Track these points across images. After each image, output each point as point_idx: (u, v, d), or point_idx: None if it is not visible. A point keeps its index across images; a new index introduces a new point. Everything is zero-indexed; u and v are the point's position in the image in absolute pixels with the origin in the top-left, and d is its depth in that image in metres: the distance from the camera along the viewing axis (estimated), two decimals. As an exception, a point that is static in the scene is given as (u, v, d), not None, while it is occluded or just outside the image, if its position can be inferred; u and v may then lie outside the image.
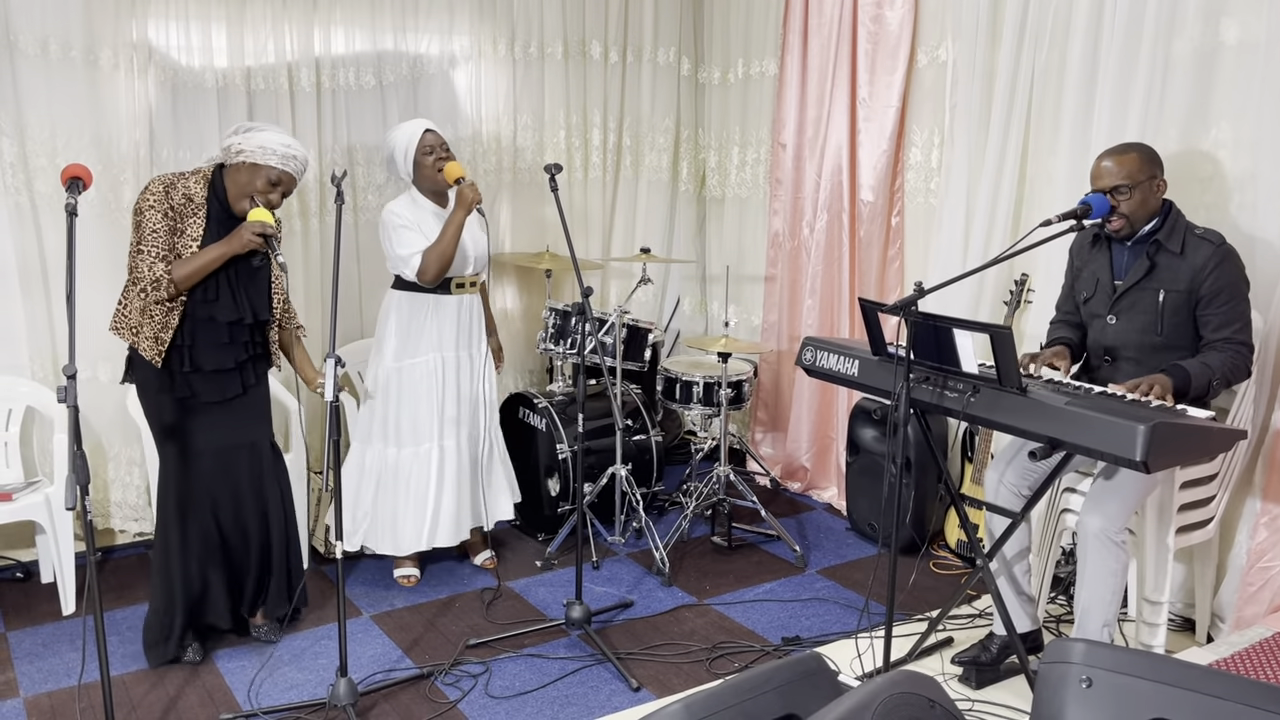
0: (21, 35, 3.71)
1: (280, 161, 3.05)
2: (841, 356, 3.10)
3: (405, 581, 3.85)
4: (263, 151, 3.03)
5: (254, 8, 4.12)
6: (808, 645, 3.33)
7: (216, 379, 3.12)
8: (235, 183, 3.06)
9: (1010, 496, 3.02)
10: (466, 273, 3.73)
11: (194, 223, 3.03)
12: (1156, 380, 2.70)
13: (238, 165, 3.05)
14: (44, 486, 3.67)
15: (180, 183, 3.04)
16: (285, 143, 3.07)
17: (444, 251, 3.54)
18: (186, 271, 2.98)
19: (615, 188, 5.24)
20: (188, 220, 3.03)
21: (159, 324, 3.03)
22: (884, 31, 4.28)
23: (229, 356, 3.13)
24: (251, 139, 3.04)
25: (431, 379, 3.70)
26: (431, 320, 3.69)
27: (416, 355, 3.69)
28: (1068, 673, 1.85)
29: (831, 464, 4.77)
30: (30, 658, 3.27)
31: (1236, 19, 3.15)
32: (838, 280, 4.60)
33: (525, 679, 3.16)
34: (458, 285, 3.71)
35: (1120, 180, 2.86)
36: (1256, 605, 3.14)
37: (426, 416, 3.70)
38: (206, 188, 3.07)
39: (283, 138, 3.08)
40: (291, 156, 3.07)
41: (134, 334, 3.06)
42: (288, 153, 3.06)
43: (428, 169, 3.62)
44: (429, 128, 3.65)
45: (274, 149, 3.04)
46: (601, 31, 5.02)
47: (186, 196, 3.03)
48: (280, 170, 3.05)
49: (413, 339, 3.69)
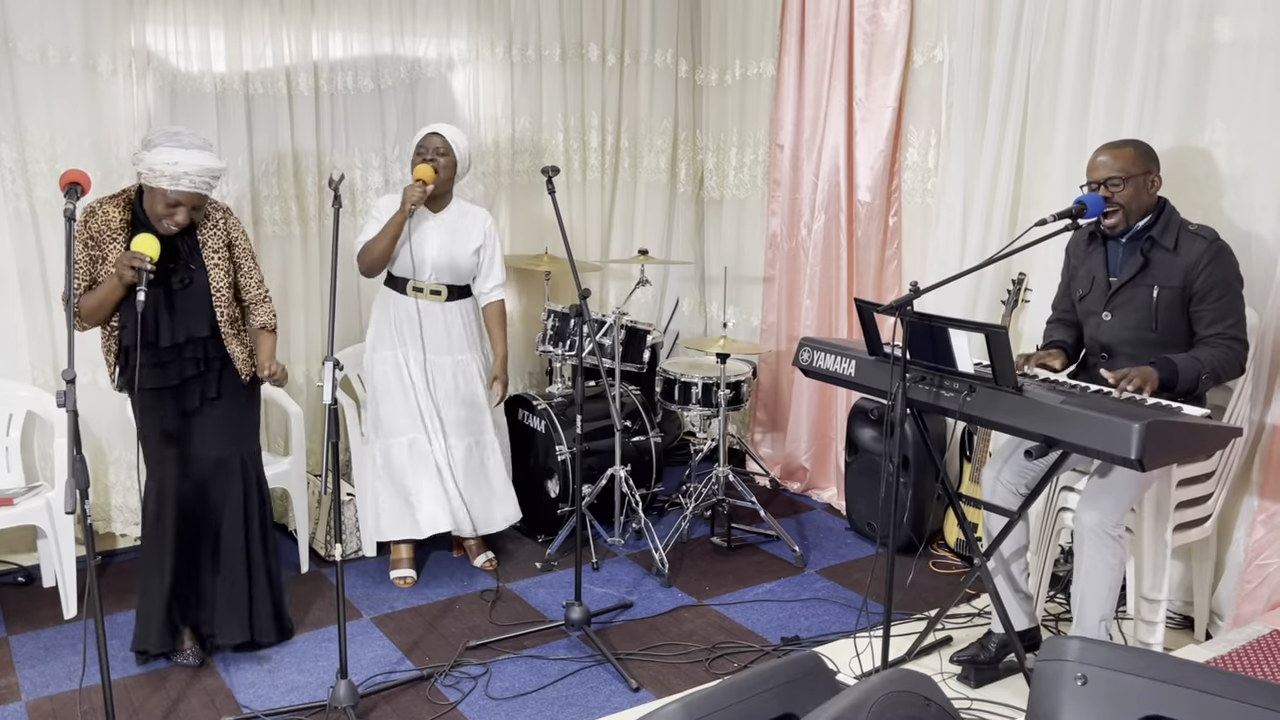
0: (20, 41, 3.73)
1: (170, 183, 2.86)
2: (838, 357, 3.11)
3: (401, 583, 3.87)
4: (152, 174, 2.87)
5: (252, 13, 4.14)
6: (807, 645, 3.34)
7: (168, 395, 3.08)
8: (149, 201, 2.95)
9: (1007, 495, 3.02)
10: (424, 278, 3.73)
11: (114, 248, 2.95)
12: (1141, 372, 2.72)
13: (145, 191, 2.96)
14: (45, 491, 3.68)
15: (100, 209, 2.96)
16: (172, 160, 2.85)
17: (378, 247, 3.60)
18: (89, 306, 2.94)
19: (614, 189, 5.25)
20: (107, 247, 2.95)
21: (104, 346, 3.08)
22: (880, 32, 4.29)
23: (172, 374, 3.07)
24: (144, 159, 2.88)
25: (394, 374, 3.77)
26: (392, 317, 3.77)
27: (384, 349, 3.79)
28: (1063, 670, 1.86)
29: (831, 464, 4.78)
30: (32, 662, 3.28)
31: (1231, 17, 3.16)
32: (836, 280, 4.61)
33: (525, 680, 3.17)
34: (415, 289, 3.73)
35: (1114, 172, 2.87)
36: (1254, 602, 3.14)
37: (391, 411, 3.78)
38: (127, 210, 3.00)
39: (171, 154, 2.86)
40: (183, 175, 2.86)
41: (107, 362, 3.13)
42: (176, 171, 2.85)
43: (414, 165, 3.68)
44: (436, 130, 3.68)
45: (162, 170, 2.85)
46: (599, 34, 5.03)
47: (104, 223, 2.95)
48: (173, 192, 2.88)
49: (381, 333, 3.80)
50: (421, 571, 3.97)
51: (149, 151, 2.89)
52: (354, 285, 4.54)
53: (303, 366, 4.45)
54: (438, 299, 3.77)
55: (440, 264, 3.73)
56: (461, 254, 3.75)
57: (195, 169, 2.89)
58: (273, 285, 4.26)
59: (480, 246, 3.81)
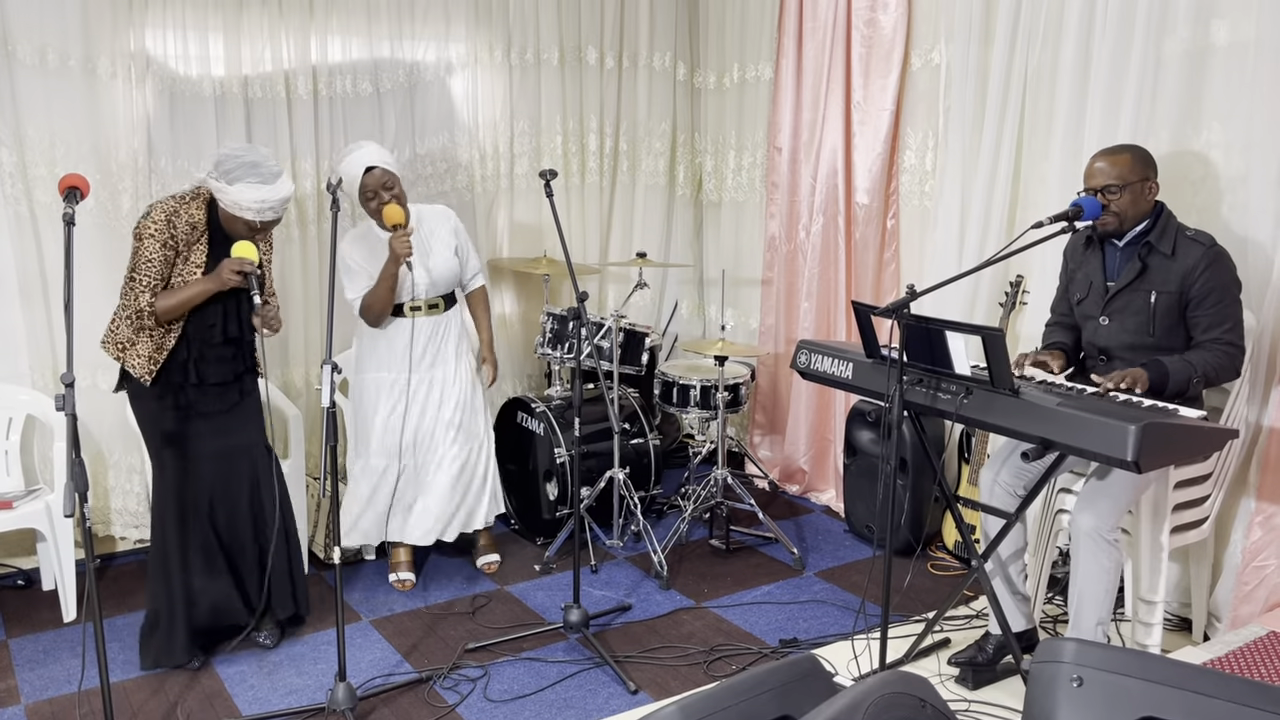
0: (20, 45, 3.74)
1: (256, 215, 3.01)
2: (835, 359, 3.11)
3: (400, 586, 3.87)
4: (237, 207, 3.00)
5: (251, 17, 4.15)
6: (805, 647, 3.35)
7: (217, 391, 3.18)
8: (223, 217, 3.10)
9: (1005, 497, 3.03)
10: (421, 297, 3.73)
11: (199, 249, 3.07)
12: (1131, 373, 2.73)
13: (220, 203, 3.06)
14: (44, 494, 3.69)
15: (184, 210, 3.05)
16: (260, 199, 2.98)
17: (381, 299, 3.64)
18: (169, 305, 3.01)
19: (612, 192, 5.26)
20: (193, 248, 3.07)
21: (154, 344, 3.07)
22: (878, 35, 4.30)
23: (230, 370, 3.20)
24: (227, 193, 2.99)
25: (380, 396, 3.76)
26: (382, 340, 3.76)
27: (371, 371, 3.78)
28: (1058, 672, 1.86)
29: (829, 466, 4.78)
30: (31, 665, 3.29)
31: (1227, 20, 3.17)
32: (834, 283, 4.62)
33: (524, 682, 3.18)
34: (412, 308, 3.73)
35: (1111, 180, 2.88)
36: (1252, 604, 3.15)
37: (371, 432, 3.78)
38: (208, 211, 3.10)
39: (257, 192, 2.98)
40: (268, 209, 3.01)
41: (121, 351, 3.09)
42: (262, 207, 3.00)
43: (372, 213, 3.63)
44: (370, 165, 3.55)
45: (248, 205, 2.98)
46: (597, 37, 5.04)
47: (191, 224, 3.05)
48: (256, 221, 3.04)
49: (368, 354, 3.79)
50: (420, 574, 3.97)
51: (232, 186, 2.98)
52: (353, 288, 4.55)
53: (301, 370, 4.46)
54: (436, 312, 3.78)
55: (442, 279, 3.75)
56: (442, 262, 3.76)
57: (278, 202, 3.04)
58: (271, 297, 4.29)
59: (456, 246, 3.82)
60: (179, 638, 3.19)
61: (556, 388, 4.54)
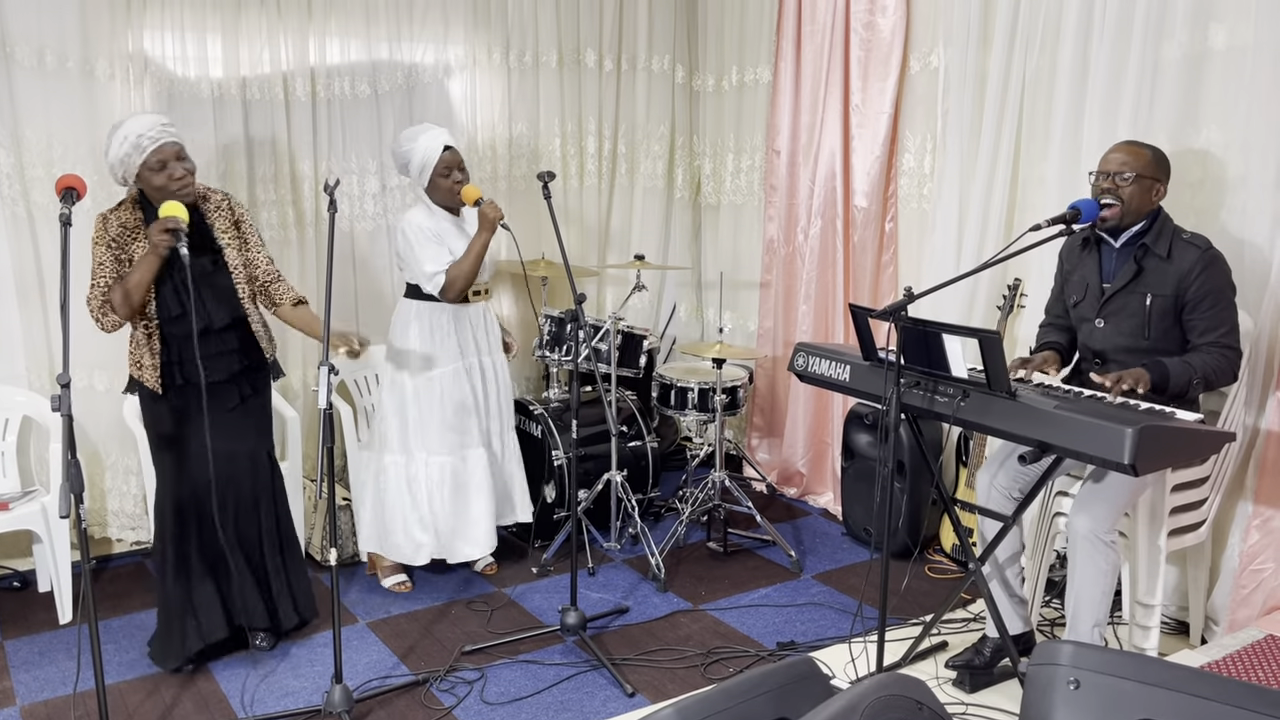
0: (18, 46, 3.73)
1: (137, 152, 2.94)
2: (833, 362, 3.11)
3: (399, 588, 3.86)
4: (126, 164, 2.96)
5: (249, 18, 4.14)
6: (803, 650, 3.34)
7: (211, 392, 3.10)
8: (150, 194, 3.03)
9: (1002, 500, 3.03)
10: (484, 279, 3.79)
11: (137, 247, 3.02)
12: (1133, 373, 2.73)
13: (140, 182, 3.02)
14: (40, 496, 3.68)
15: (113, 215, 3.03)
16: (123, 138, 2.94)
17: (468, 272, 3.59)
18: (123, 291, 2.97)
19: (610, 195, 5.26)
20: (131, 247, 3.02)
21: (147, 349, 3.07)
22: (876, 38, 4.30)
23: (220, 368, 3.13)
24: (111, 162, 2.98)
25: (457, 388, 3.73)
26: (453, 330, 3.72)
27: (445, 364, 3.71)
28: (1055, 674, 1.86)
29: (827, 469, 4.78)
30: (27, 666, 3.28)
31: (1224, 24, 3.17)
32: (832, 286, 4.62)
33: (521, 685, 3.17)
34: (474, 293, 3.75)
35: (1126, 167, 2.86)
36: (1249, 608, 3.15)
37: (453, 425, 3.72)
38: (137, 209, 3.05)
39: (118, 136, 2.95)
40: (139, 136, 2.93)
41: (136, 368, 3.11)
42: (137, 141, 2.93)
43: (445, 190, 3.65)
44: (449, 145, 3.64)
45: (126, 153, 2.94)
46: (596, 40, 5.04)
47: (121, 226, 3.02)
48: (147, 156, 2.94)
49: (442, 348, 3.70)
50: (417, 575, 3.97)
51: (108, 156, 2.99)
52: (350, 291, 4.55)
53: (299, 371, 4.45)
54: (486, 299, 3.84)
55: (490, 263, 3.80)
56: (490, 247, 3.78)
57: (147, 127, 2.96)
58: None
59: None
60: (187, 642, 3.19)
61: (554, 390, 4.53)
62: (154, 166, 2.97)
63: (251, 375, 3.26)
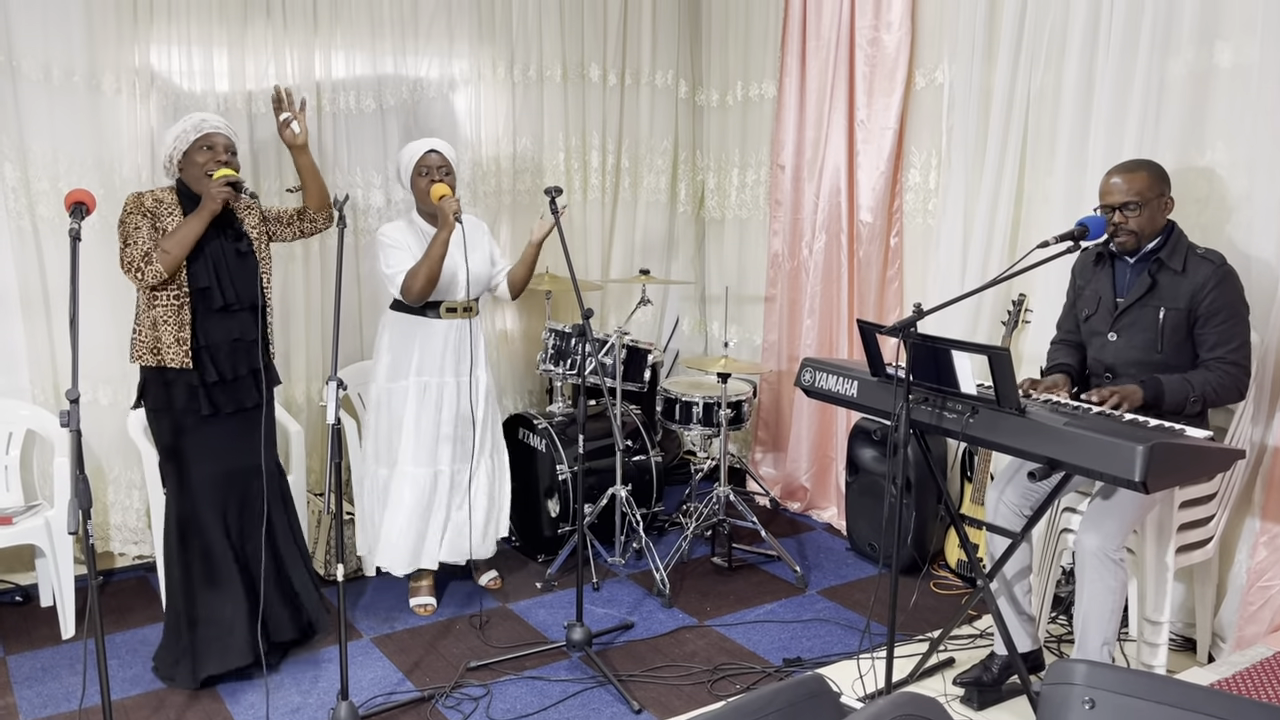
0: (24, 60, 3.74)
1: (195, 131, 3.13)
2: (841, 378, 3.11)
3: (421, 610, 3.80)
4: (181, 141, 3.13)
5: (255, 32, 4.15)
6: (809, 666, 3.33)
7: (234, 388, 3.17)
8: (191, 179, 3.17)
9: (1010, 516, 3.02)
10: (459, 297, 3.68)
11: (170, 221, 3.11)
12: (1121, 391, 2.75)
13: (182, 168, 3.17)
14: (44, 510, 3.67)
15: (149, 194, 3.15)
16: (187, 118, 3.17)
17: (424, 270, 3.51)
18: (173, 239, 3.05)
19: (614, 209, 5.27)
20: (164, 220, 3.11)
21: (175, 323, 3.08)
22: (881, 54, 4.32)
23: (242, 359, 3.18)
24: (167, 140, 3.17)
25: (416, 403, 3.66)
26: (418, 344, 3.66)
27: (405, 378, 3.67)
28: (1070, 694, 1.85)
29: (831, 484, 4.77)
30: (30, 682, 3.27)
31: (1231, 42, 3.18)
32: (837, 300, 4.62)
33: (526, 701, 3.16)
34: (448, 310, 3.67)
35: (1130, 197, 2.89)
36: (1257, 624, 3.14)
37: (412, 439, 3.67)
38: (174, 194, 3.18)
39: (183, 120, 3.18)
40: (201, 120, 3.16)
41: (155, 353, 3.09)
42: (196, 122, 3.15)
43: (420, 188, 3.64)
44: (434, 148, 3.66)
45: (185, 131, 3.14)
46: (600, 54, 5.06)
47: (157, 201, 3.13)
48: (202, 136, 3.13)
49: (401, 361, 3.68)
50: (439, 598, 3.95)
51: (166, 135, 3.18)
52: (354, 305, 4.55)
53: (303, 385, 4.45)
54: (469, 315, 3.73)
55: (478, 279, 3.72)
56: (484, 264, 3.76)
57: (211, 116, 3.20)
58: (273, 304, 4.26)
59: (491, 251, 3.84)
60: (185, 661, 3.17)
61: (558, 404, 4.53)
62: (202, 146, 3.14)
63: (267, 374, 3.31)
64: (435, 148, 3.66)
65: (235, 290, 3.17)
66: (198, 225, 3.07)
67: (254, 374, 3.23)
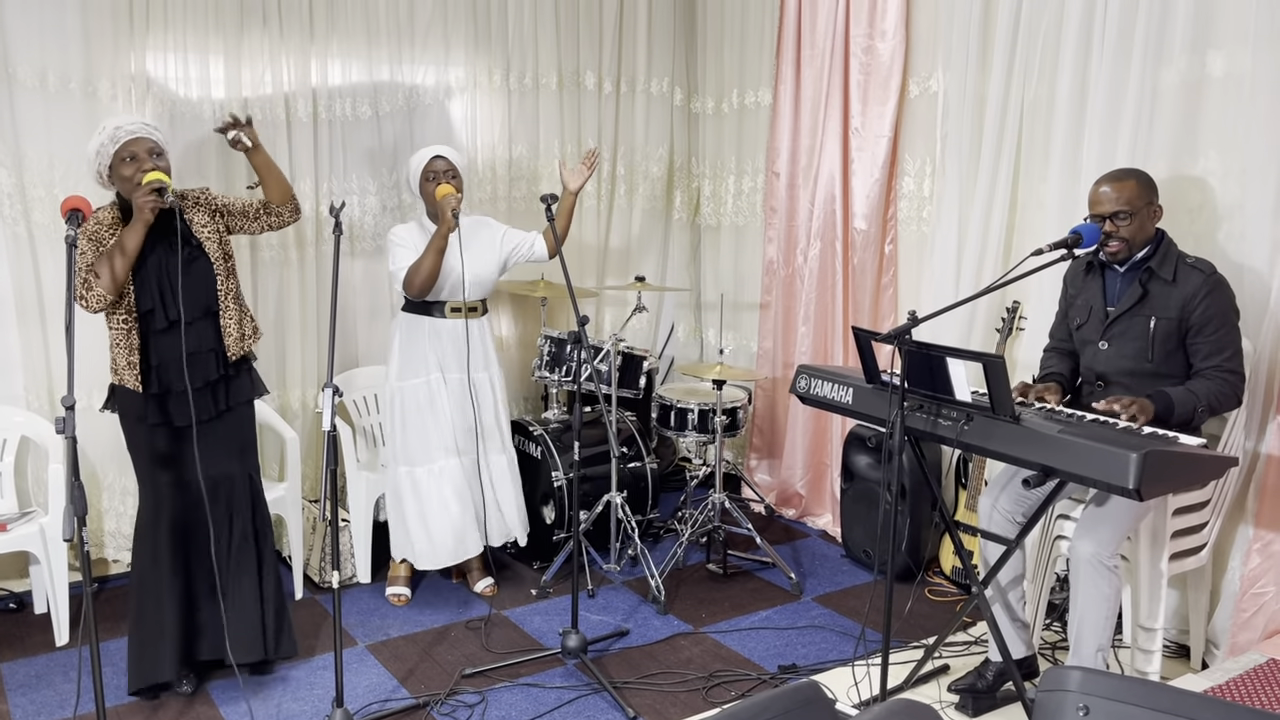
0: (20, 67, 3.74)
1: (113, 143, 2.98)
2: (836, 385, 3.12)
3: (396, 600, 3.90)
4: (99, 157, 3.01)
5: (251, 40, 4.16)
6: (804, 673, 3.33)
7: (184, 400, 3.06)
8: (126, 193, 3.04)
9: (1004, 523, 3.03)
10: (465, 297, 3.77)
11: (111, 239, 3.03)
12: (1137, 402, 2.74)
13: (114, 181, 3.05)
14: (38, 517, 3.66)
15: (91, 218, 3.04)
16: (100, 130, 3.02)
17: (423, 266, 3.62)
18: (109, 263, 2.95)
19: (609, 216, 5.28)
20: (107, 241, 3.02)
21: (126, 346, 3.03)
22: (875, 62, 4.33)
23: (196, 373, 3.08)
24: (90, 148, 3.03)
25: (427, 401, 3.77)
26: (427, 343, 3.77)
27: (414, 376, 3.78)
28: (1065, 701, 1.86)
29: (826, 491, 4.78)
30: (24, 689, 3.26)
31: (1223, 51, 3.20)
32: (831, 307, 4.63)
33: (521, 709, 3.15)
34: (453, 310, 3.77)
35: (1120, 206, 2.90)
36: (1250, 631, 3.15)
37: (422, 437, 3.77)
38: (115, 210, 3.08)
39: (97, 133, 3.02)
40: (115, 129, 3.00)
41: (114, 373, 3.08)
42: (114, 134, 2.99)
43: (429, 194, 3.72)
44: (440, 154, 3.74)
45: (104, 146, 3.00)
46: (595, 62, 5.07)
47: (97, 223, 3.04)
48: (121, 147, 2.98)
49: (411, 360, 3.78)
50: (417, 597, 3.95)
51: (88, 148, 3.03)
52: (350, 311, 4.55)
53: (298, 391, 4.44)
54: (475, 315, 3.84)
55: (480, 281, 3.81)
56: (487, 266, 3.82)
57: (126, 121, 3.02)
58: (269, 311, 4.28)
59: (504, 248, 3.89)
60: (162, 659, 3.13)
61: (554, 411, 4.53)
62: (124, 157, 3.00)
63: (229, 385, 3.20)
64: (441, 153, 3.75)
65: (180, 305, 3.04)
66: (131, 241, 2.94)
67: (210, 386, 3.14)
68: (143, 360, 3.05)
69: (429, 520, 3.80)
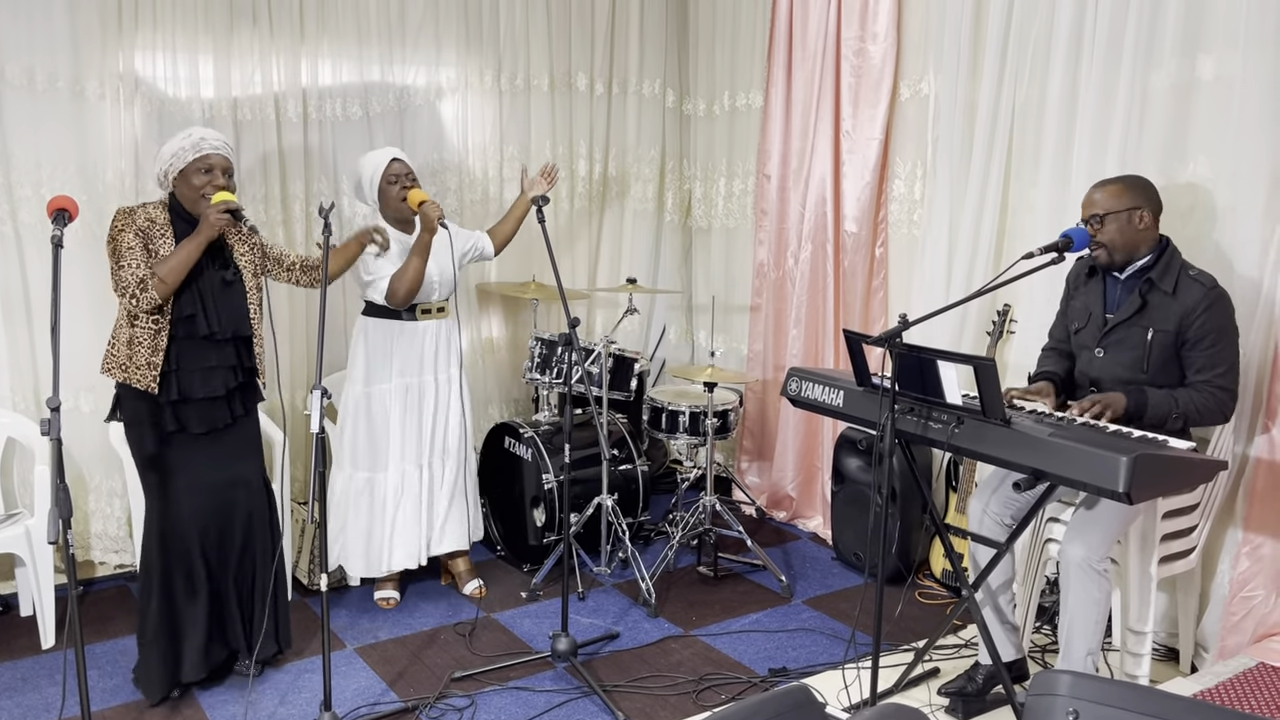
0: (8, 65, 3.72)
1: (194, 151, 3.05)
2: (826, 387, 3.11)
3: (384, 604, 3.87)
4: (177, 159, 3.05)
5: (241, 39, 4.14)
6: (795, 676, 3.33)
7: (205, 408, 3.11)
8: (186, 199, 3.09)
9: (994, 526, 3.03)
10: (433, 299, 3.77)
11: (163, 243, 3.05)
12: (1104, 399, 2.77)
13: (177, 185, 3.09)
14: (24, 519, 3.64)
15: (141, 210, 3.08)
16: (185, 134, 3.08)
17: (411, 275, 3.59)
18: (169, 266, 2.98)
19: (601, 218, 5.27)
20: (156, 241, 3.04)
21: (149, 347, 3.02)
22: (867, 65, 4.33)
23: (217, 382, 3.12)
24: (163, 155, 3.09)
25: (400, 404, 3.75)
26: (398, 346, 3.74)
27: (386, 380, 3.74)
28: (1054, 705, 1.86)
29: (817, 493, 4.78)
30: (9, 693, 3.23)
31: (1212, 55, 3.21)
32: (822, 310, 4.63)
33: (511, 712, 3.14)
34: (424, 311, 3.76)
35: (1095, 209, 2.92)
36: (1239, 635, 3.15)
37: (396, 441, 3.75)
38: (167, 211, 3.10)
39: (181, 136, 3.09)
40: (201, 139, 3.07)
41: (124, 370, 3.05)
42: (195, 140, 3.06)
43: (392, 197, 3.68)
44: (396, 157, 3.71)
45: (182, 147, 3.05)
46: (587, 64, 5.06)
47: (149, 220, 3.06)
48: (200, 157, 3.05)
49: (380, 364, 3.74)
50: (406, 600, 3.94)
51: (163, 149, 3.09)
52: (339, 312, 4.53)
53: (286, 393, 4.42)
54: (443, 316, 3.82)
55: (446, 281, 3.79)
56: (450, 267, 3.80)
57: (210, 135, 3.11)
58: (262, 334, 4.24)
59: (459, 248, 3.85)
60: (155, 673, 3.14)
61: (544, 413, 4.52)
62: (201, 167, 3.06)
63: (243, 393, 3.24)
64: (397, 156, 3.72)
65: (220, 320, 3.10)
66: (195, 251, 3.01)
67: (226, 397, 3.16)
68: (165, 364, 3.05)
69: (374, 529, 3.77)
